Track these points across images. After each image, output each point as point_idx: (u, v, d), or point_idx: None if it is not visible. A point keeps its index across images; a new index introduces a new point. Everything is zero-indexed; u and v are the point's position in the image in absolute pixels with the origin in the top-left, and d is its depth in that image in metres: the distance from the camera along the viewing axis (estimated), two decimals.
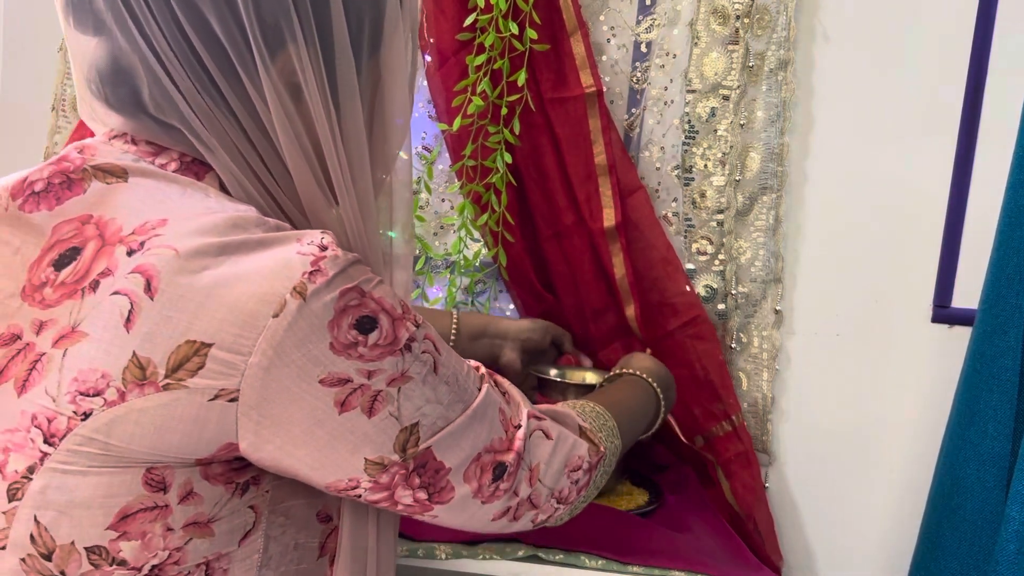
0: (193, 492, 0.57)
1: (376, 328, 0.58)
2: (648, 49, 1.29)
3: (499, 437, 0.66)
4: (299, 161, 0.61)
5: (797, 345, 1.32)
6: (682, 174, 1.29)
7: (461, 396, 0.64)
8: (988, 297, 1.06)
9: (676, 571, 1.02)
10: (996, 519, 1.04)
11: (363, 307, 0.57)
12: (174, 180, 0.61)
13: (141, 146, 0.63)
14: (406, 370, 0.60)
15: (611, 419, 0.83)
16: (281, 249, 0.56)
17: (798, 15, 1.25)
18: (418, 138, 1.36)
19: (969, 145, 1.24)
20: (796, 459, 1.33)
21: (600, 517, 1.08)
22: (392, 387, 0.59)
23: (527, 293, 1.33)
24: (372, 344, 0.57)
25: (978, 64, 1.22)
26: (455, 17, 1.24)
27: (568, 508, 0.74)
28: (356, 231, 0.64)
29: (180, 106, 0.59)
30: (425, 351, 0.62)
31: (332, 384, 0.56)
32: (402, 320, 0.60)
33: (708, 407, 1.28)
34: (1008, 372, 1.04)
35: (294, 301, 0.54)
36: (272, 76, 0.58)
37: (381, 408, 0.58)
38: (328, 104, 0.61)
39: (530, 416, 0.70)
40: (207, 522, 0.58)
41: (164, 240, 0.55)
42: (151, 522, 0.56)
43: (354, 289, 0.57)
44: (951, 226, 1.25)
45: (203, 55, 0.58)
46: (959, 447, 1.09)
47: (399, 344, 0.59)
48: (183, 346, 0.53)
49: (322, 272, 0.56)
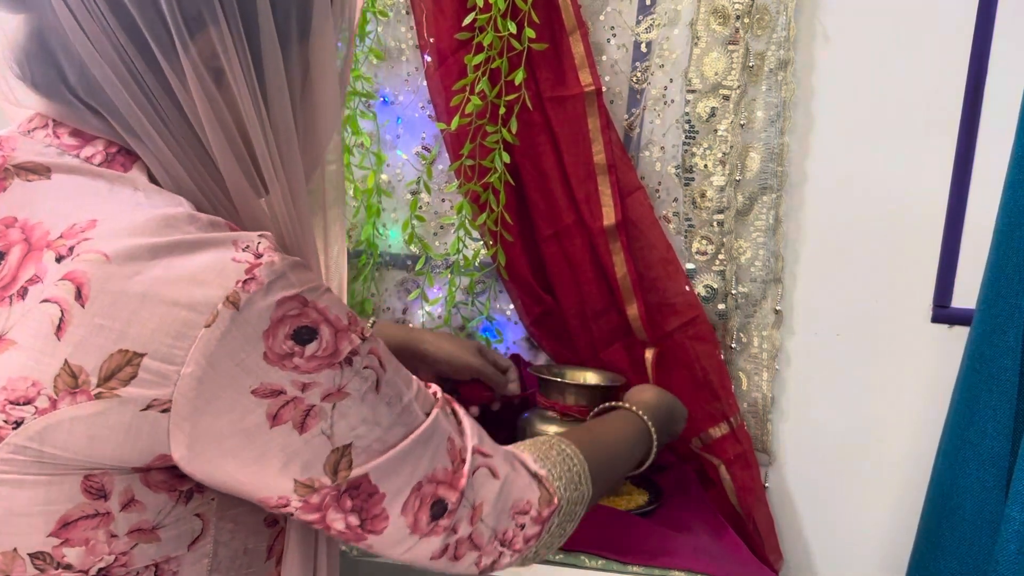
0: (135, 499, 0.56)
1: (315, 339, 0.56)
2: (648, 49, 1.29)
3: (444, 467, 0.63)
4: (224, 148, 0.58)
5: (797, 345, 1.32)
6: (682, 174, 1.29)
7: (404, 420, 0.61)
8: (987, 297, 1.06)
9: (676, 571, 1.02)
10: (995, 519, 1.04)
11: (303, 316, 0.56)
12: (100, 175, 0.58)
13: (64, 138, 0.60)
14: (343, 385, 0.57)
15: (580, 463, 0.75)
16: (215, 253, 0.54)
17: (798, 15, 1.25)
18: (417, 138, 1.36)
19: (969, 145, 1.24)
20: (796, 459, 1.33)
21: (600, 517, 1.08)
22: (327, 402, 0.57)
23: (526, 293, 1.33)
24: (309, 355, 0.55)
25: (978, 64, 1.22)
26: (454, 16, 1.24)
27: (519, 556, 0.69)
28: (287, 222, 0.61)
29: (106, 88, 0.56)
30: (368, 367, 0.59)
31: (265, 395, 0.55)
32: (346, 332, 0.58)
33: (707, 408, 1.28)
34: (1007, 372, 1.04)
35: (227, 311, 0.53)
36: (192, 58, 0.56)
37: (313, 424, 0.56)
38: (255, 91, 0.58)
39: (475, 451, 0.66)
40: (152, 528, 0.57)
41: (94, 244, 0.53)
42: (93, 529, 0.55)
43: (295, 298, 0.55)
44: (951, 226, 1.25)
45: (119, 35, 0.55)
46: (958, 447, 1.09)
47: (339, 357, 0.57)
48: (116, 355, 0.52)
49: (256, 280, 0.54)
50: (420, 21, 1.29)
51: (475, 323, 1.37)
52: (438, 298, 1.37)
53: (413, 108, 1.35)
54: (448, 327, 1.36)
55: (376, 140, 1.35)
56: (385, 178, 1.37)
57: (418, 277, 1.38)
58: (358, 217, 1.36)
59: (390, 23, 1.33)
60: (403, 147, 1.36)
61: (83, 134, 0.60)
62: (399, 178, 1.37)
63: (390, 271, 1.39)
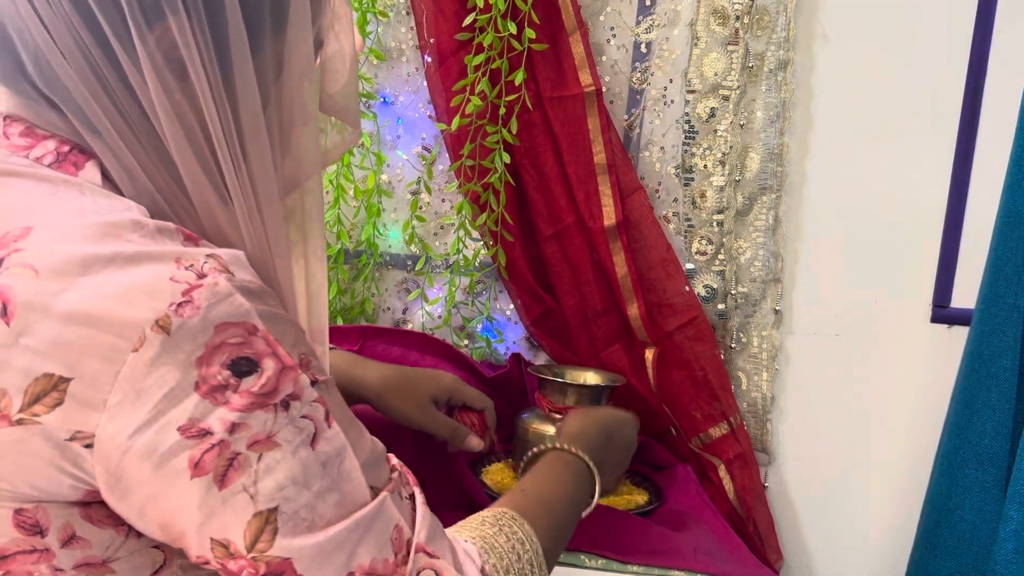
0: (76, 536, 0.51)
1: (255, 372, 0.50)
2: (648, 49, 1.29)
3: (384, 559, 0.54)
4: (183, 146, 0.53)
5: (797, 345, 1.32)
6: (682, 174, 1.29)
7: (343, 488, 0.53)
8: (986, 297, 1.06)
9: (676, 571, 1.02)
10: (994, 518, 1.04)
11: (246, 346, 0.50)
12: (45, 179, 0.53)
13: (14, 139, 0.55)
14: (274, 433, 0.50)
15: (533, 546, 0.67)
16: (152, 270, 0.49)
17: (798, 15, 1.25)
18: (417, 138, 1.36)
19: (968, 145, 1.24)
20: (795, 459, 1.34)
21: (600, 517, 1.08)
22: (252, 451, 0.50)
23: (526, 293, 1.33)
24: (244, 390, 0.50)
25: (978, 64, 1.22)
26: (454, 17, 1.24)
27: None
28: (252, 236, 0.56)
29: (63, 78, 0.52)
30: (307, 416, 0.52)
31: (191, 435, 0.49)
32: (293, 371, 0.51)
33: (706, 408, 1.28)
34: (1006, 372, 1.05)
35: (156, 336, 0.48)
36: (150, 47, 0.52)
37: (235, 478, 0.50)
38: (217, 85, 0.53)
39: (420, 550, 0.57)
40: (103, 563, 0.52)
41: (23, 257, 0.49)
42: (34, 564, 0.51)
43: (239, 325, 0.50)
44: (950, 226, 1.25)
45: (75, 18, 0.51)
46: (958, 447, 1.09)
47: (275, 398, 0.51)
48: (41, 379, 0.48)
49: (193, 304, 0.49)
50: (420, 21, 1.29)
51: (475, 323, 1.37)
52: (438, 298, 1.37)
53: (413, 108, 1.35)
54: (448, 327, 1.36)
55: (376, 140, 1.35)
56: (385, 178, 1.37)
57: (418, 277, 1.38)
58: (358, 217, 1.36)
59: (390, 23, 1.33)
60: (403, 147, 1.37)
61: (34, 133, 0.55)
62: (399, 178, 1.37)
63: (390, 271, 1.39)
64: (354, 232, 1.37)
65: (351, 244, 1.37)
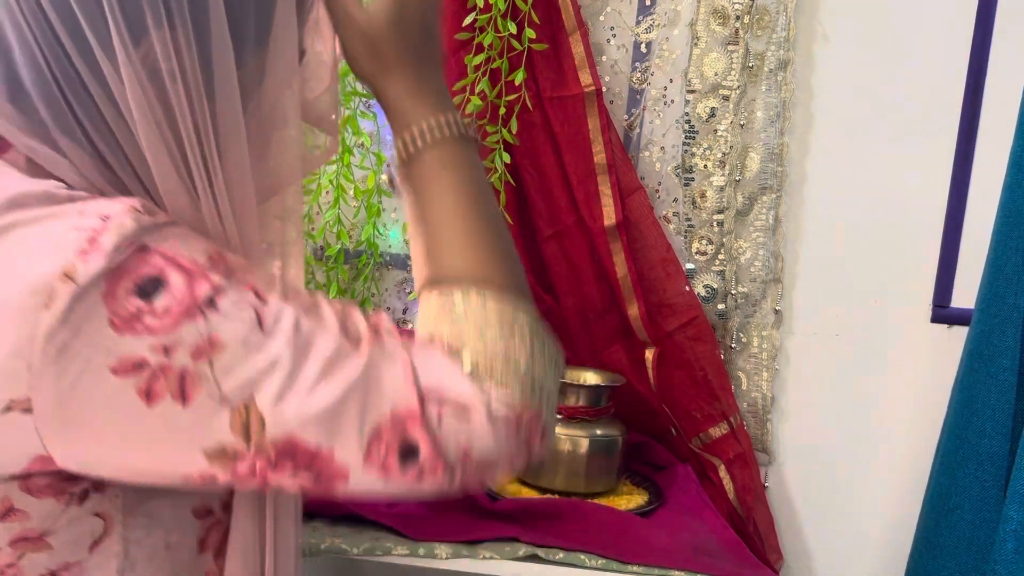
0: (14, 509, 0.51)
1: (163, 289, 0.47)
2: (648, 49, 1.29)
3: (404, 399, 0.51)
4: (158, 148, 0.52)
5: (797, 345, 1.32)
6: (682, 174, 1.29)
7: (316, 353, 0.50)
8: (986, 297, 1.06)
9: (676, 571, 1.02)
10: (994, 518, 1.04)
11: (143, 265, 0.47)
12: None
13: None
14: (213, 336, 0.48)
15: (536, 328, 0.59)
16: (55, 224, 0.48)
17: (798, 15, 1.25)
18: None
19: (968, 145, 1.24)
20: (795, 459, 1.34)
21: (600, 517, 1.08)
22: (201, 361, 0.48)
23: None
24: (161, 310, 0.47)
25: (977, 64, 1.22)
26: (454, 17, 1.24)
27: None
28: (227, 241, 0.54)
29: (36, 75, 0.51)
30: (240, 303, 0.49)
31: (126, 372, 0.47)
32: (202, 273, 0.49)
33: (706, 408, 1.28)
34: (1006, 372, 1.05)
35: (65, 287, 0.46)
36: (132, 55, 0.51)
37: (197, 392, 0.48)
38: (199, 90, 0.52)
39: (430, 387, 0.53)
40: (39, 536, 0.52)
41: None
42: None
43: (130, 245, 0.47)
44: (950, 226, 1.26)
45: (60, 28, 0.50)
46: (957, 446, 1.09)
47: (196, 303, 0.48)
48: None
49: (99, 247, 0.47)
50: None
51: None
52: None
53: None
54: None
55: (376, 140, 1.35)
56: (385, 178, 1.37)
57: None
58: (358, 217, 1.36)
59: None
60: None
61: None
62: None
63: (390, 271, 1.39)
64: (354, 232, 1.37)
65: (351, 244, 1.37)
